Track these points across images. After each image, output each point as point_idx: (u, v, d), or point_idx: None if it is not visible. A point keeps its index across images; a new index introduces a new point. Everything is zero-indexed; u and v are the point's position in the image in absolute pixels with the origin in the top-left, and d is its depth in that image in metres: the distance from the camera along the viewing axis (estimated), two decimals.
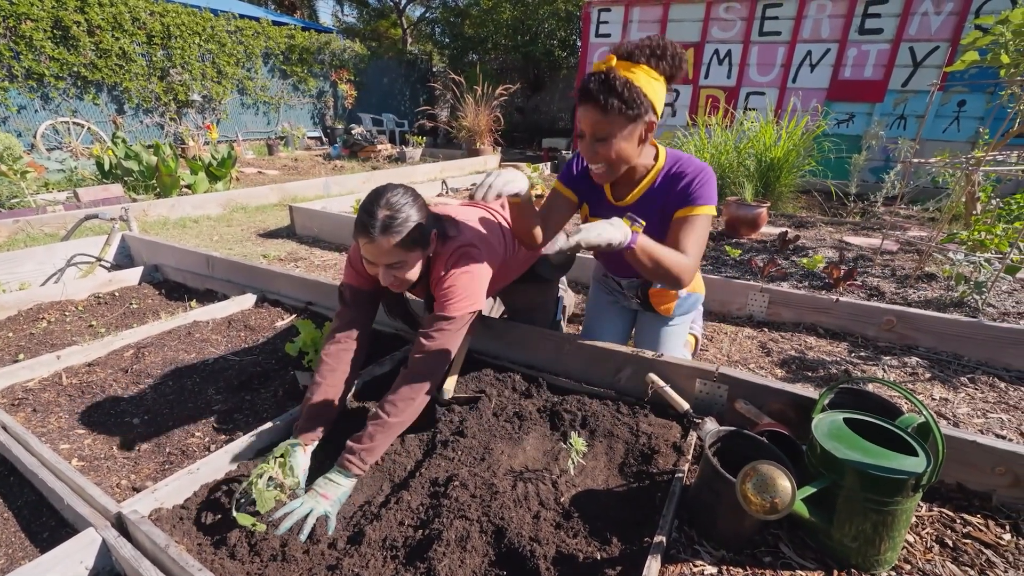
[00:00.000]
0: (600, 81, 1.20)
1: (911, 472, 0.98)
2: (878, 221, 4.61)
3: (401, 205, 1.26)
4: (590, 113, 1.24)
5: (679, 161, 1.42)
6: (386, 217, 1.23)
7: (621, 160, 1.31)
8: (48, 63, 7.46)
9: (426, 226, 1.32)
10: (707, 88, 7.69)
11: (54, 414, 1.59)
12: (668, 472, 1.29)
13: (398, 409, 1.27)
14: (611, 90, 1.19)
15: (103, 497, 1.12)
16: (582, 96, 1.24)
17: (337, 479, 1.21)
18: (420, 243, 1.31)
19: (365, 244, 1.26)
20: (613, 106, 1.20)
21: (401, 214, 1.25)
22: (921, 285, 2.82)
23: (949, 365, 2.07)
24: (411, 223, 1.26)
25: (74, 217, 3.75)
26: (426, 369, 1.32)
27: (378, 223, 1.23)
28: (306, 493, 1.19)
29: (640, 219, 1.27)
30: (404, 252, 1.28)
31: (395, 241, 1.24)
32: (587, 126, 1.26)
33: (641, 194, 1.46)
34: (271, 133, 10.78)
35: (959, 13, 6.15)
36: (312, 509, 1.14)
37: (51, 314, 2.40)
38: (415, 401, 1.31)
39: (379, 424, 1.25)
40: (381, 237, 1.23)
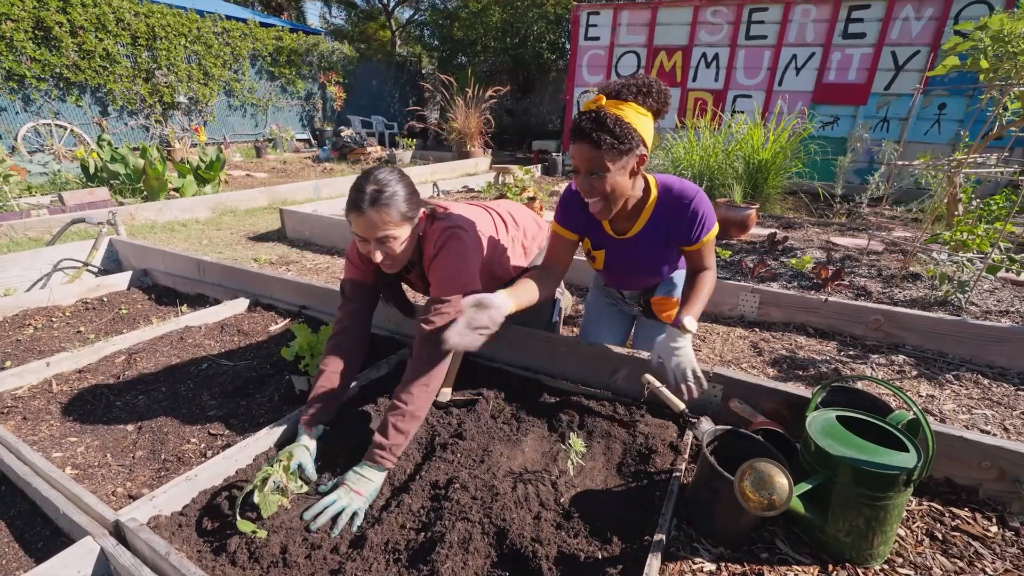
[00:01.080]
0: (592, 119, 1.25)
1: (902, 467, 1.00)
2: (864, 222, 4.70)
3: (389, 181, 1.32)
4: (584, 150, 1.28)
5: (670, 188, 1.45)
6: (374, 191, 1.29)
7: (616, 194, 1.34)
8: (29, 64, 7.33)
9: (414, 201, 1.38)
10: (695, 91, 7.78)
11: (45, 422, 1.57)
12: (666, 471, 1.31)
13: (414, 397, 1.31)
14: (603, 127, 1.24)
15: (100, 505, 1.11)
16: (575, 135, 1.29)
17: (368, 474, 1.25)
18: (408, 217, 1.36)
19: (356, 218, 1.31)
20: (605, 142, 1.24)
21: (389, 188, 1.31)
22: (906, 285, 2.88)
23: (935, 363, 2.12)
24: (399, 197, 1.32)
25: (59, 221, 3.69)
26: (433, 355, 1.34)
27: (367, 196, 1.28)
28: (339, 488, 1.21)
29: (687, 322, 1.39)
30: (393, 225, 1.32)
31: (384, 213, 1.29)
32: (582, 162, 1.31)
33: (641, 227, 1.50)
34: (259, 135, 10.68)
35: (939, 18, 6.30)
36: (346, 506, 1.18)
37: (37, 320, 2.36)
38: (429, 387, 1.33)
39: (400, 415, 1.29)
40: (370, 210, 1.28)
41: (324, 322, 2.26)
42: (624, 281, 1.73)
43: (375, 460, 1.25)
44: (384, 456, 1.26)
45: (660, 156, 5.67)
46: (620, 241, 1.55)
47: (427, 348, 1.34)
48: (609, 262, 1.61)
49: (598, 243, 1.60)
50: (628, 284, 1.74)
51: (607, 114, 1.25)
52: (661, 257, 1.56)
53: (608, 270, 1.67)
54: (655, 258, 1.56)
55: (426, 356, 1.34)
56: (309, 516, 1.17)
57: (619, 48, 8.11)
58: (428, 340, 1.34)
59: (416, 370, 1.33)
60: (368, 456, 1.27)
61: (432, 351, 1.34)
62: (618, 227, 1.54)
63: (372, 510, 1.22)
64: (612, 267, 1.63)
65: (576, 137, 1.29)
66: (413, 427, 1.30)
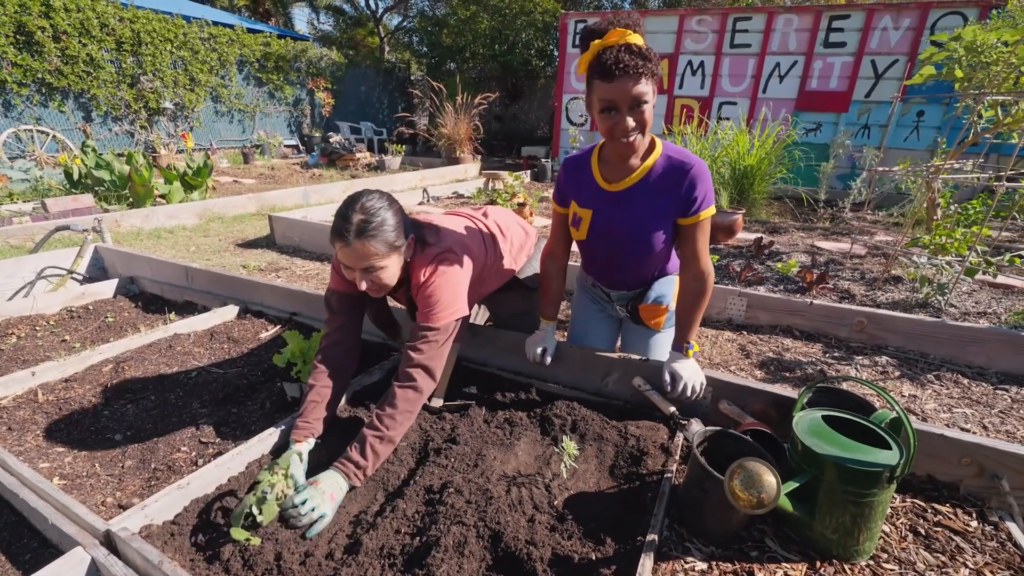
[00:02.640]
0: (628, 51, 1.22)
1: (885, 464, 1.03)
2: (847, 226, 4.80)
3: (376, 209, 1.29)
4: (626, 85, 1.23)
5: (674, 152, 1.42)
6: (361, 221, 1.26)
7: (651, 122, 1.33)
8: (10, 69, 7.21)
9: (402, 230, 1.35)
10: (681, 98, 7.91)
11: (31, 432, 1.54)
12: (657, 473, 1.33)
13: (396, 423, 1.31)
14: (640, 55, 1.22)
15: (90, 515, 1.10)
16: (611, 71, 1.23)
17: (341, 484, 1.24)
18: (396, 247, 1.33)
19: (341, 248, 1.29)
20: (647, 69, 1.23)
21: (376, 218, 1.28)
22: (889, 287, 2.95)
23: (916, 363, 2.18)
24: (386, 226, 1.29)
25: (42, 229, 3.64)
26: (419, 381, 1.35)
27: (353, 227, 1.25)
28: (312, 487, 1.19)
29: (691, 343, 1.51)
30: (380, 256, 1.29)
31: (370, 244, 1.26)
32: (623, 99, 1.25)
33: (636, 180, 1.44)
34: (246, 141, 10.60)
35: (916, 28, 6.48)
36: (316, 508, 1.16)
37: (21, 329, 2.32)
38: (411, 414, 1.36)
39: (379, 437, 1.29)
40: (356, 241, 1.26)
41: (315, 328, 2.25)
42: (608, 263, 1.63)
43: (348, 476, 1.25)
44: (357, 475, 1.26)
45: None
46: (611, 195, 1.48)
47: (414, 375, 1.34)
48: (594, 226, 1.52)
49: (585, 200, 1.52)
50: (613, 269, 1.64)
51: (636, 45, 1.24)
52: (649, 225, 1.46)
53: (591, 241, 1.57)
54: (643, 224, 1.46)
55: (412, 383, 1.34)
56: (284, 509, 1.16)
57: None
58: (416, 367, 1.35)
59: (403, 397, 1.33)
60: (342, 468, 1.25)
61: (419, 378, 1.35)
62: (613, 175, 1.47)
63: (367, 516, 1.22)
64: (596, 233, 1.53)
65: (614, 73, 1.22)
66: (388, 450, 1.32)
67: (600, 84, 1.26)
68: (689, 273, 1.47)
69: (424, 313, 1.40)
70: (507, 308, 2.01)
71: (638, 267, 1.60)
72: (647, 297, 1.63)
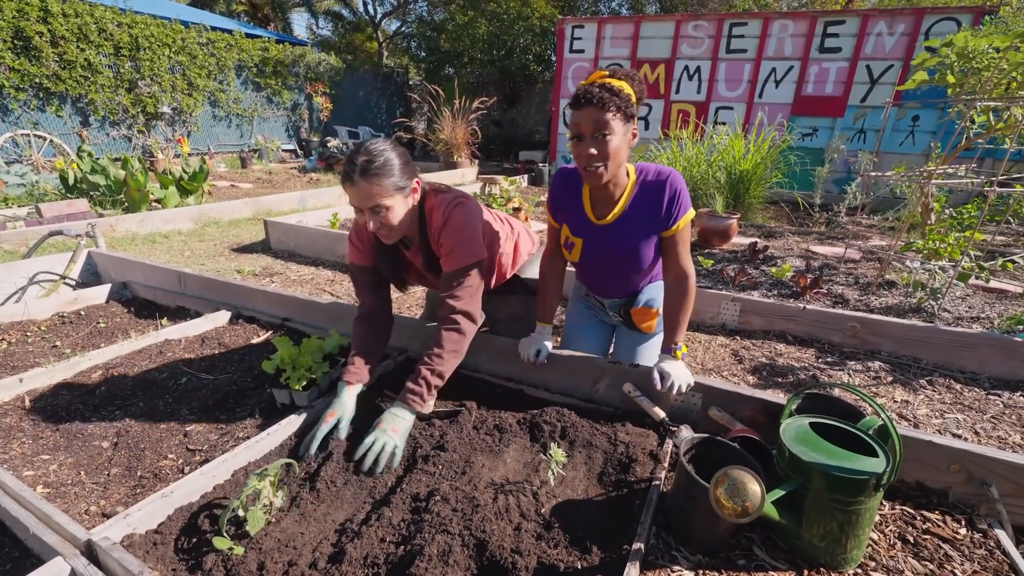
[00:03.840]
0: (599, 86, 1.34)
1: (872, 472, 1.03)
2: (842, 231, 4.81)
3: (380, 150, 1.37)
4: (591, 112, 1.33)
5: (646, 171, 1.52)
6: (365, 161, 1.34)
7: (616, 159, 1.39)
8: (8, 74, 7.22)
9: (407, 172, 1.42)
10: (678, 103, 7.94)
11: (16, 439, 1.53)
12: (646, 480, 1.32)
13: (443, 360, 1.46)
14: (610, 91, 1.33)
15: (71, 524, 1.09)
16: (580, 102, 1.34)
17: (401, 414, 1.41)
18: (400, 187, 1.40)
19: (348, 188, 1.37)
20: (613, 103, 1.32)
21: (380, 158, 1.35)
22: (882, 292, 2.96)
23: (909, 368, 2.17)
24: (390, 166, 1.36)
25: (36, 233, 3.63)
26: (461, 324, 1.48)
27: (358, 167, 1.34)
28: (375, 430, 1.36)
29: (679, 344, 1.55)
30: (385, 195, 1.37)
31: (375, 183, 1.34)
32: (587, 126, 1.35)
33: (621, 212, 1.53)
34: (244, 146, 10.62)
35: (910, 34, 6.52)
36: (385, 444, 1.33)
37: (12, 335, 2.31)
38: (457, 354, 1.49)
39: (431, 370, 1.44)
40: (361, 180, 1.34)
41: (307, 334, 2.25)
42: (602, 280, 1.72)
43: (407, 402, 1.42)
44: (415, 400, 1.42)
45: None
46: (599, 228, 1.57)
47: (458, 321, 1.47)
48: (586, 251, 1.61)
49: (577, 229, 1.61)
50: (606, 284, 1.73)
51: (611, 82, 1.34)
52: (637, 249, 1.55)
53: (585, 262, 1.65)
54: (633, 249, 1.55)
55: (457, 327, 1.47)
56: (357, 458, 1.33)
57: (603, 60, 8.25)
58: (458, 314, 1.47)
59: (448, 338, 1.46)
60: (401, 398, 1.43)
61: (462, 324, 1.48)
62: (599, 211, 1.57)
63: (352, 524, 1.21)
64: (589, 257, 1.63)
65: (582, 103, 1.34)
66: (439, 383, 1.47)
67: (570, 112, 1.38)
68: (670, 276, 1.55)
69: (449, 257, 1.49)
70: (506, 311, 2.01)
71: (630, 279, 1.68)
72: (638, 301, 1.68)
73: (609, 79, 1.37)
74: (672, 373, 1.49)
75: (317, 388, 1.75)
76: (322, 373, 1.74)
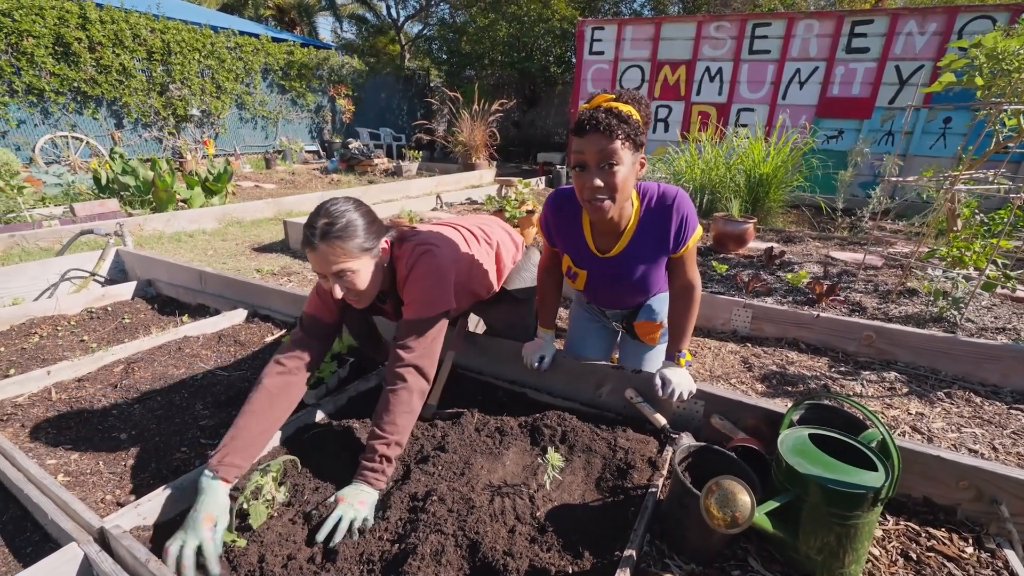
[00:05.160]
0: (605, 111, 1.21)
1: (870, 487, 1.01)
2: (865, 236, 4.68)
3: (341, 212, 1.28)
4: (597, 140, 1.21)
5: (650, 194, 1.43)
6: (325, 224, 1.26)
7: (624, 192, 1.28)
8: (48, 78, 7.56)
9: (373, 232, 1.34)
10: (699, 104, 7.83)
11: (42, 429, 1.61)
12: (643, 487, 1.32)
13: (396, 427, 1.29)
14: (618, 117, 1.20)
15: (86, 512, 1.15)
16: (584, 128, 1.21)
17: (366, 490, 1.23)
18: (366, 248, 1.31)
19: (311, 254, 1.28)
20: (622, 131, 1.20)
21: (341, 220, 1.27)
22: (903, 300, 2.87)
23: (926, 380, 2.11)
24: (352, 228, 1.28)
25: (69, 232, 3.79)
26: (409, 381, 1.33)
27: (318, 231, 1.25)
28: (339, 504, 1.18)
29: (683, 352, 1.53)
30: (348, 258, 1.28)
31: (336, 247, 1.26)
32: (592, 155, 1.22)
33: (626, 244, 1.47)
34: (269, 147, 10.88)
35: (943, 33, 6.31)
36: (355, 517, 1.16)
37: (43, 329, 2.42)
38: (410, 414, 1.33)
39: (386, 444, 1.28)
40: (322, 244, 1.25)
41: None
42: (607, 301, 1.71)
43: (369, 482, 1.24)
44: (376, 479, 1.26)
45: (662, 169, 5.70)
46: (604, 260, 1.52)
47: (405, 378, 1.32)
48: (591, 282, 1.59)
49: (580, 261, 1.57)
50: (611, 304, 1.72)
51: (619, 108, 1.21)
52: (646, 276, 1.53)
53: (590, 290, 1.64)
54: (640, 278, 1.53)
55: (405, 386, 1.32)
56: (322, 537, 1.13)
57: (623, 62, 8.20)
58: (406, 367, 1.33)
59: (396, 400, 1.30)
60: (360, 476, 1.25)
61: (410, 381, 1.32)
62: (602, 243, 1.51)
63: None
64: (595, 287, 1.61)
65: (587, 129, 1.21)
66: (398, 452, 1.31)
67: (574, 140, 1.26)
68: (676, 286, 1.51)
69: (409, 306, 1.39)
70: (499, 320, 2.01)
71: (635, 299, 1.66)
72: (641, 314, 1.66)
73: (616, 103, 1.24)
74: (674, 380, 1.48)
75: (325, 386, 1.80)
76: (330, 372, 1.79)
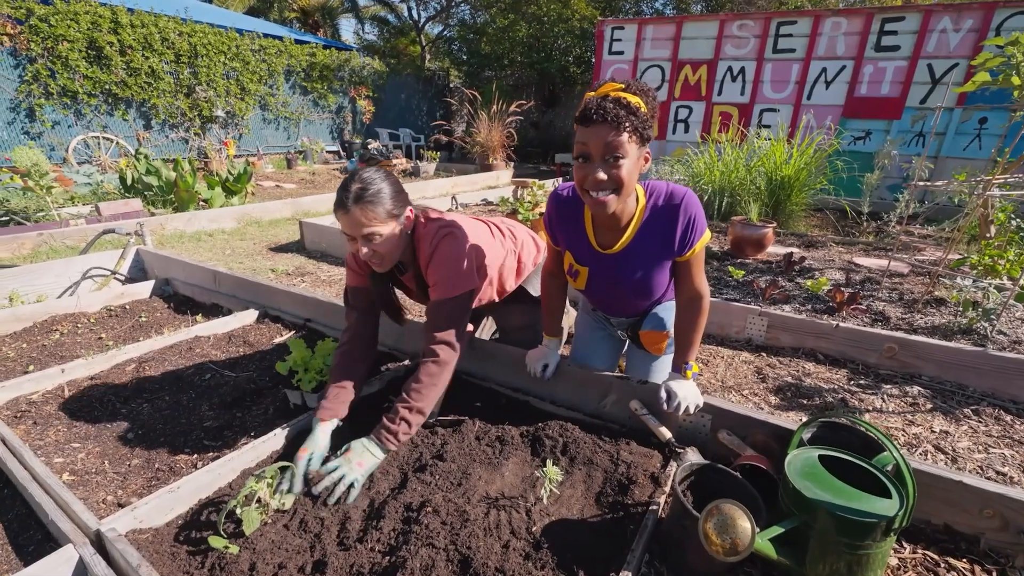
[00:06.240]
0: (612, 100, 1.16)
1: (882, 516, 0.95)
2: (892, 241, 4.51)
3: (373, 179, 1.38)
4: (601, 131, 1.16)
5: (657, 193, 1.38)
6: (358, 189, 1.35)
7: (629, 187, 1.23)
8: (82, 81, 7.82)
9: (400, 200, 1.43)
10: (720, 105, 7.67)
11: (53, 427, 1.65)
12: (643, 504, 1.27)
13: (422, 395, 1.41)
14: (627, 108, 1.15)
15: (85, 513, 1.16)
16: (589, 117, 1.17)
17: (372, 449, 1.36)
18: (393, 215, 1.41)
19: (342, 216, 1.37)
20: (629, 122, 1.15)
21: (373, 186, 1.37)
22: (929, 310, 2.75)
23: (952, 396, 2.01)
24: (383, 194, 1.38)
25: (94, 231, 3.90)
26: (441, 355, 1.43)
27: (351, 195, 1.35)
28: (342, 456, 1.33)
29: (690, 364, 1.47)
30: (378, 222, 1.37)
31: (368, 211, 1.35)
32: (596, 146, 1.18)
33: (629, 241, 1.42)
34: (291, 147, 11.07)
35: (979, 30, 6.05)
36: (344, 475, 1.29)
37: (64, 326, 2.49)
38: (436, 387, 1.44)
39: (408, 408, 1.39)
40: (354, 207, 1.34)
41: (327, 335, 2.31)
42: (610, 304, 1.65)
43: (380, 440, 1.37)
44: (389, 439, 1.37)
45: (681, 171, 5.60)
46: (605, 256, 1.46)
47: (437, 353, 1.44)
48: (592, 280, 1.53)
49: (581, 258, 1.52)
50: (614, 307, 1.67)
51: (626, 98, 1.16)
52: (648, 278, 1.46)
53: (592, 290, 1.58)
54: (642, 279, 1.46)
55: (435, 359, 1.43)
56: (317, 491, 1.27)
57: (643, 62, 8.09)
58: (438, 344, 1.44)
59: (426, 371, 1.42)
60: (375, 434, 1.38)
61: (441, 356, 1.44)
62: (604, 240, 1.45)
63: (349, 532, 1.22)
64: (596, 286, 1.55)
65: (593, 119, 1.16)
66: (418, 421, 1.42)
67: (578, 129, 1.22)
68: (684, 296, 1.45)
69: (435, 288, 1.48)
70: (515, 320, 2.01)
71: (639, 303, 1.61)
72: (647, 323, 1.60)
73: (624, 93, 1.19)
74: (680, 393, 1.43)
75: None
76: None
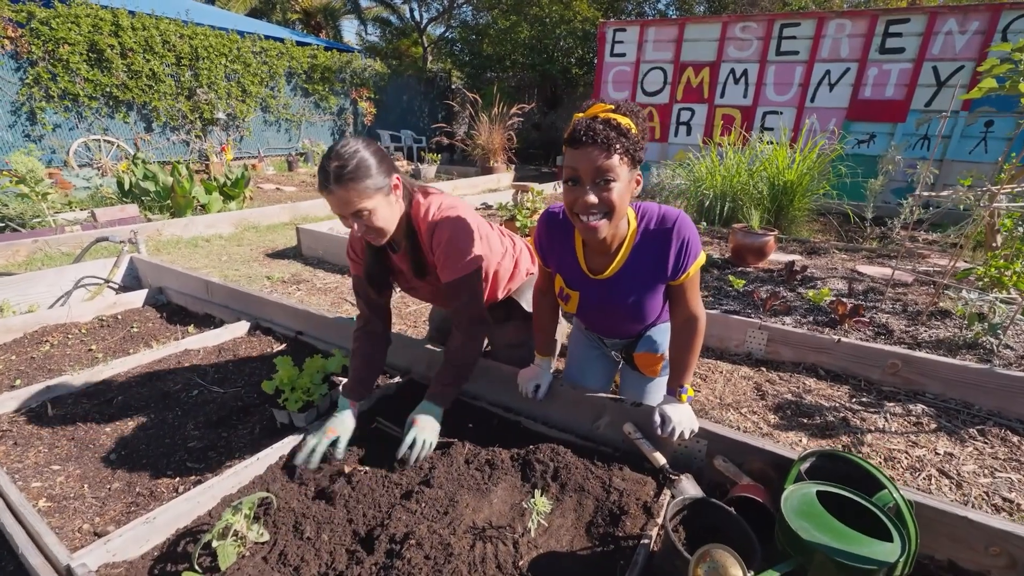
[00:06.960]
0: (602, 121, 1.13)
1: (882, 562, 0.90)
2: (896, 248, 4.44)
3: (351, 153, 1.30)
4: (591, 154, 1.12)
5: (648, 216, 1.35)
6: (337, 168, 1.28)
7: (620, 211, 1.20)
8: (83, 84, 7.82)
9: (384, 170, 1.36)
10: (723, 107, 7.61)
11: (34, 448, 1.62)
12: (635, 537, 1.23)
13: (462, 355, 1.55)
14: (617, 129, 1.12)
15: (57, 546, 1.12)
16: (578, 139, 1.13)
17: (433, 410, 1.50)
18: (380, 186, 1.34)
19: (327, 198, 1.33)
20: (620, 144, 1.12)
21: (352, 161, 1.29)
22: (934, 323, 2.69)
23: (958, 414, 1.96)
24: (365, 168, 1.30)
25: (90, 237, 3.88)
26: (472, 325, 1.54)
27: (331, 173, 1.28)
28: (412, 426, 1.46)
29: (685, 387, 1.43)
30: (365, 196, 1.31)
31: (352, 187, 1.29)
32: (586, 169, 1.14)
33: (620, 266, 1.38)
34: (292, 149, 11.06)
35: (985, 32, 5.97)
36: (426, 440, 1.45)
37: (55, 337, 2.46)
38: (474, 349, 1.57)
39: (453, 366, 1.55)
40: (337, 188, 1.28)
41: (318, 350, 2.27)
42: (603, 327, 1.62)
43: (435, 400, 1.52)
44: (444, 396, 1.53)
45: (682, 175, 5.54)
46: (596, 282, 1.43)
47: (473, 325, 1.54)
48: (584, 305, 1.49)
49: (572, 282, 1.48)
50: (608, 330, 1.63)
51: (617, 120, 1.13)
52: (641, 303, 1.42)
53: (584, 314, 1.55)
54: (634, 304, 1.43)
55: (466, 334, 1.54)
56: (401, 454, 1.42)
57: (645, 64, 8.03)
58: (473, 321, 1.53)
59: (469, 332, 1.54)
60: (429, 395, 1.54)
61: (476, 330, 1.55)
62: (595, 264, 1.42)
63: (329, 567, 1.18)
64: (588, 311, 1.51)
65: (582, 141, 1.13)
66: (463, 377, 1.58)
67: (567, 151, 1.18)
68: (678, 319, 1.40)
69: (443, 271, 1.49)
70: (502, 337, 1.96)
71: (632, 327, 1.57)
72: (641, 345, 1.56)
73: (614, 114, 1.15)
74: (675, 417, 1.38)
75: (315, 409, 1.76)
76: (320, 395, 1.74)
